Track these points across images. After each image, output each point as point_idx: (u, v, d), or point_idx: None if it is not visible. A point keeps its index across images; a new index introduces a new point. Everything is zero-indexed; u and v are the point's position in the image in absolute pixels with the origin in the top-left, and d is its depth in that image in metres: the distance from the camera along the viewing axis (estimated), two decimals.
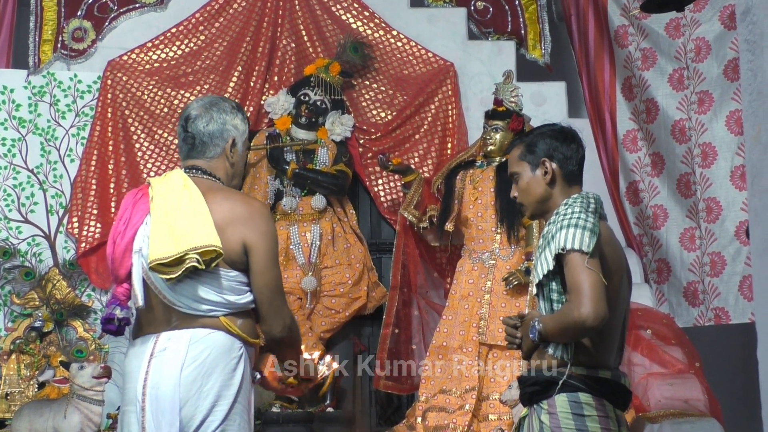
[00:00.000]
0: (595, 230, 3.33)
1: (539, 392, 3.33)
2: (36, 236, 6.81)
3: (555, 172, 3.50)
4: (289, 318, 3.59)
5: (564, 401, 3.28)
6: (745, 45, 3.22)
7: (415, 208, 6.46)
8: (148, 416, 3.40)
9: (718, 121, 6.51)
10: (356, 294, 6.63)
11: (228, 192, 3.57)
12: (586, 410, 3.28)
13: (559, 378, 3.29)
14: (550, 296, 3.36)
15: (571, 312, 3.23)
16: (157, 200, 3.51)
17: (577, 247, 3.28)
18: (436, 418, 6.02)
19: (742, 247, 6.30)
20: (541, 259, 3.36)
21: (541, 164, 3.50)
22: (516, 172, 3.56)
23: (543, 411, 3.31)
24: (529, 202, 3.54)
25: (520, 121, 6.37)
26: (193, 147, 3.63)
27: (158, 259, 3.38)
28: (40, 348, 6.40)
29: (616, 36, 7.04)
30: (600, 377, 3.33)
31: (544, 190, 3.51)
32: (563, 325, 3.25)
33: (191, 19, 7.18)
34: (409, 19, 7.37)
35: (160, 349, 3.44)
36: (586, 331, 3.25)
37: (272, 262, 3.53)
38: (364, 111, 7.11)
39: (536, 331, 3.29)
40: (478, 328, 6.07)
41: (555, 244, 3.31)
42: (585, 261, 3.27)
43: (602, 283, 3.25)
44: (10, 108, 6.92)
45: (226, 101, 3.72)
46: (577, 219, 3.34)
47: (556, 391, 3.28)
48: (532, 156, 3.52)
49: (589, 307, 3.21)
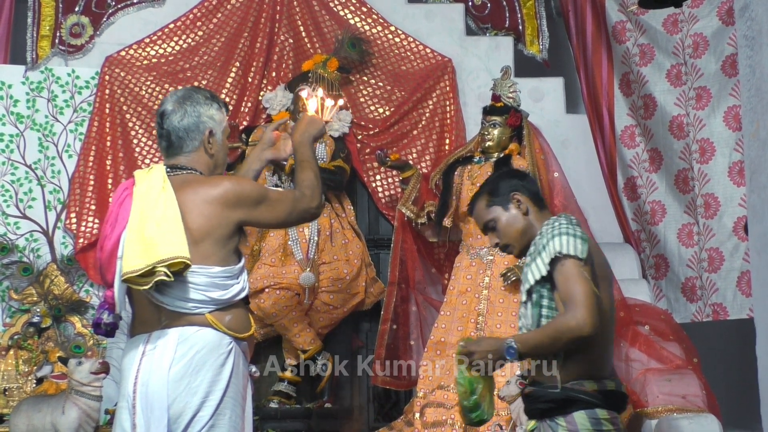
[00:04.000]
0: (585, 239, 3.40)
1: (555, 408, 3.34)
2: (34, 232, 6.81)
3: (526, 201, 3.61)
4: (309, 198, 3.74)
5: (584, 418, 3.31)
6: (743, 41, 3.22)
7: (413, 203, 6.47)
8: (139, 413, 3.46)
9: (716, 117, 6.51)
10: (354, 290, 6.63)
11: (195, 183, 3.60)
12: (605, 425, 3.31)
13: (578, 395, 3.30)
14: (540, 302, 3.39)
15: (567, 320, 3.26)
16: (135, 204, 3.55)
17: (572, 253, 3.33)
18: (434, 414, 6.02)
19: (740, 242, 6.30)
20: (531, 267, 3.41)
21: (511, 200, 3.61)
22: (490, 219, 3.65)
23: (561, 427, 3.32)
24: (513, 238, 3.62)
25: (518, 116, 6.37)
26: (170, 143, 3.67)
27: (129, 272, 3.44)
28: (39, 343, 6.39)
29: (614, 32, 7.04)
30: (608, 389, 3.35)
31: (524, 222, 3.59)
32: (557, 333, 3.28)
33: (189, 14, 7.18)
34: (406, 15, 7.37)
35: (150, 348, 3.50)
36: (580, 340, 3.29)
37: (268, 211, 3.66)
38: (362, 107, 7.11)
39: (514, 351, 3.32)
40: (476, 324, 6.07)
41: (549, 250, 3.36)
42: (579, 268, 3.30)
43: (595, 292, 3.28)
44: (8, 104, 6.91)
45: (200, 92, 3.74)
46: (567, 228, 3.41)
47: (575, 409, 3.31)
48: (499, 198, 3.63)
49: (586, 315, 3.25)
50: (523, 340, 3.33)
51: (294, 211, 3.72)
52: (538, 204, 3.63)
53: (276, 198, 3.72)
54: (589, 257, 3.35)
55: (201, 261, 3.48)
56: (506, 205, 3.61)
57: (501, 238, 3.62)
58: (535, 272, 3.38)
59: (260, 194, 3.66)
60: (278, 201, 3.71)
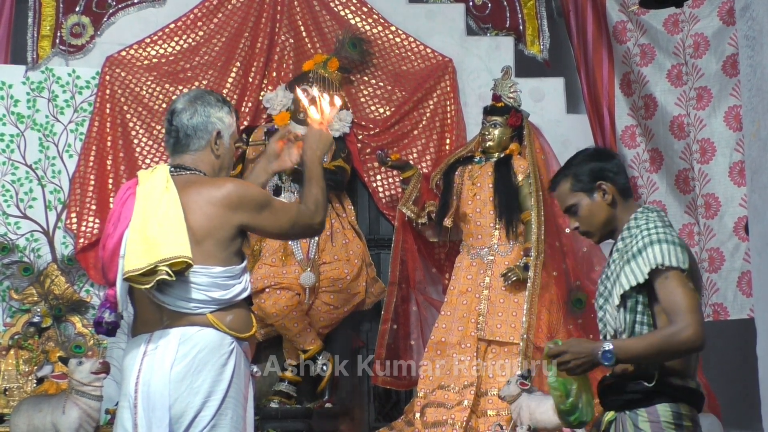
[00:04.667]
0: (684, 246, 3.32)
1: (639, 400, 3.30)
2: (34, 232, 6.81)
3: (612, 191, 3.49)
4: (313, 213, 3.74)
5: (667, 411, 3.27)
6: (744, 41, 3.22)
7: (413, 203, 6.47)
8: (140, 413, 3.46)
9: (717, 117, 6.50)
10: (355, 289, 6.63)
11: (199, 184, 3.60)
12: (685, 421, 3.28)
13: (664, 388, 3.27)
14: (635, 308, 3.32)
15: (677, 333, 3.21)
16: (138, 203, 3.56)
17: (675, 265, 3.26)
18: (435, 414, 6.02)
19: (740, 242, 6.30)
20: (626, 271, 3.32)
21: (597, 188, 3.49)
22: (573, 204, 3.53)
23: (642, 419, 3.27)
24: (596, 228, 3.52)
25: (519, 116, 6.37)
26: (177, 140, 3.68)
27: (131, 271, 3.44)
28: (39, 343, 6.40)
29: (615, 32, 7.04)
30: (690, 387, 3.33)
31: (608, 212, 3.49)
32: (665, 345, 3.22)
33: (189, 14, 7.18)
34: (407, 15, 7.37)
35: (152, 348, 3.50)
36: (691, 352, 3.26)
37: (271, 218, 3.64)
38: (362, 107, 7.11)
39: (611, 356, 3.24)
40: (477, 324, 6.07)
41: (647, 257, 3.28)
42: (684, 279, 3.26)
43: (701, 303, 3.25)
44: (9, 103, 6.91)
45: (212, 94, 3.77)
46: (665, 234, 3.32)
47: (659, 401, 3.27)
48: (584, 184, 3.51)
49: (699, 329, 3.21)
50: (624, 347, 3.25)
51: (296, 224, 3.72)
52: (624, 193, 3.51)
53: (280, 207, 3.72)
54: (691, 266, 3.30)
55: (203, 261, 3.48)
56: (591, 192, 3.50)
57: (582, 224, 3.53)
58: (630, 278, 3.29)
59: (264, 199, 3.66)
60: (282, 210, 3.71)
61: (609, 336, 3.39)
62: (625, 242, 3.39)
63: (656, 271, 3.26)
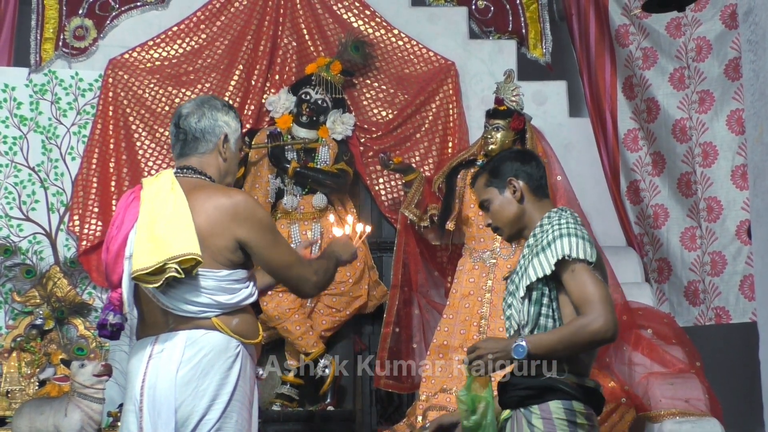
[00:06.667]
0: (593, 244, 3.38)
1: (532, 396, 3.33)
2: (37, 234, 6.81)
3: (522, 188, 3.57)
4: (313, 276, 3.72)
5: (559, 407, 3.29)
6: (747, 45, 3.22)
7: (416, 207, 6.47)
8: (146, 416, 3.46)
9: (719, 121, 6.51)
10: (357, 293, 6.63)
11: (210, 190, 3.59)
12: (578, 419, 3.29)
13: (557, 384, 3.29)
14: (540, 300, 3.36)
15: (588, 324, 3.23)
16: (144, 205, 3.56)
17: (582, 257, 3.30)
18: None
19: (742, 246, 6.31)
20: (534, 263, 3.37)
21: (508, 184, 3.58)
22: (486, 199, 3.63)
23: (534, 415, 3.30)
24: (504, 223, 3.60)
25: (521, 120, 6.37)
26: (185, 143, 3.68)
27: (139, 270, 3.43)
28: (41, 346, 6.39)
29: (617, 35, 7.05)
30: (587, 386, 3.34)
31: (517, 207, 3.57)
32: (576, 337, 3.24)
33: (192, 17, 7.18)
34: (410, 18, 7.37)
35: (158, 350, 3.50)
36: (604, 343, 3.28)
37: (271, 245, 3.60)
38: (365, 110, 7.11)
39: (524, 350, 3.28)
40: (479, 327, 6.07)
41: (555, 250, 3.33)
42: (591, 271, 3.29)
43: (610, 294, 3.27)
44: (12, 106, 6.91)
45: (218, 100, 3.79)
46: (574, 229, 3.38)
47: (552, 398, 3.29)
48: (498, 180, 3.60)
49: (609, 318, 3.23)
50: (536, 341, 3.28)
51: (294, 268, 3.68)
52: (538, 193, 3.58)
53: (285, 243, 3.71)
54: (597, 260, 3.33)
55: (209, 263, 3.48)
56: (502, 188, 3.58)
57: (493, 219, 3.62)
58: (538, 270, 3.34)
59: (271, 225, 3.65)
60: (286, 247, 3.69)
61: (513, 332, 3.45)
62: (536, 238, 3.44)
63: (564, 263, 3.31)
